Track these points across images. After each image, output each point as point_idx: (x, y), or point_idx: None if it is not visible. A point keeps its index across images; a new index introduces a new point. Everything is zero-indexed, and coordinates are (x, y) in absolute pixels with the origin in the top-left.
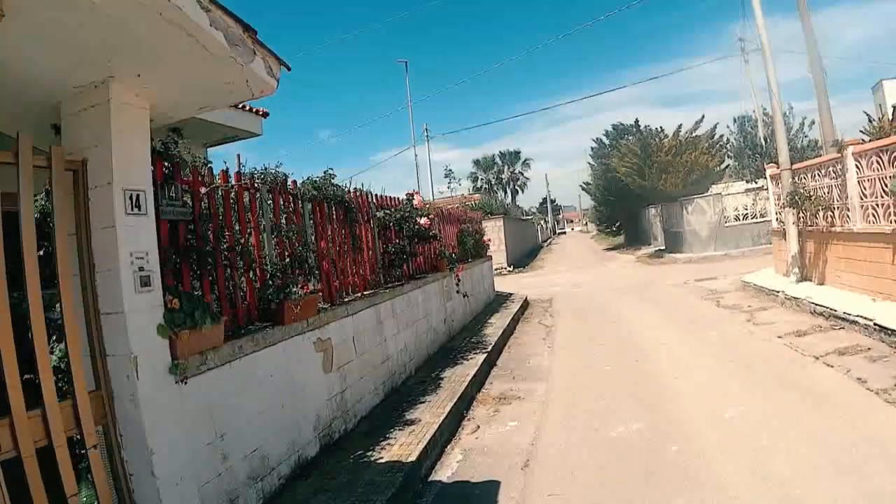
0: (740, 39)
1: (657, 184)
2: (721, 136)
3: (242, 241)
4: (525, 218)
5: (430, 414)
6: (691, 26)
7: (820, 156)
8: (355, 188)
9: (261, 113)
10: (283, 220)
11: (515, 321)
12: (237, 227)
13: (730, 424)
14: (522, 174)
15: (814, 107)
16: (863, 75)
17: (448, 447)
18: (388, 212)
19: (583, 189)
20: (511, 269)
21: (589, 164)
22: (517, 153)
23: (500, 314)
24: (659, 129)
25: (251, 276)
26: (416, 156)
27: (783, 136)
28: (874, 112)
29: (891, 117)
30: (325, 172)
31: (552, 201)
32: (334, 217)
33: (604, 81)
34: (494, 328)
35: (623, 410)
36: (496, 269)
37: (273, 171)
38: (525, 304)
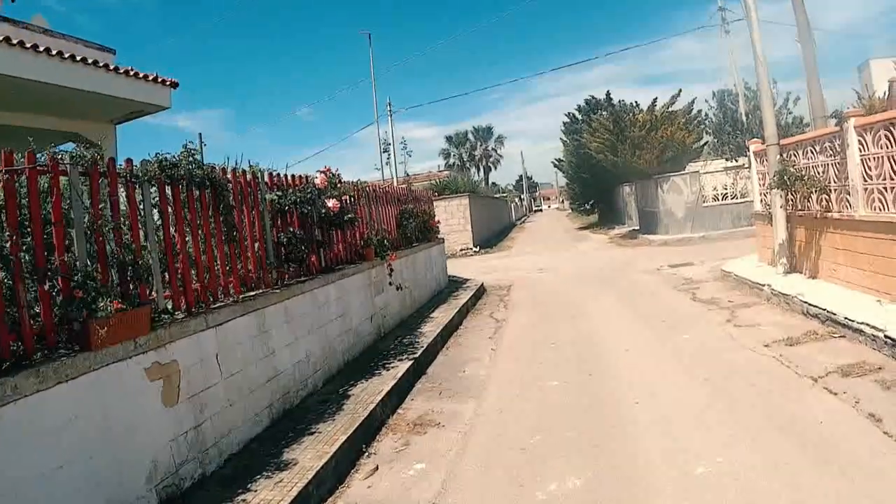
0: (721, 8)
1: (631, 160)
2: (699, 111)
3: (30, 239)
4: (496, 196)
5: (312, 453)
6: (673, 3)
7: (805, 132)
8: (235, 167)
9: (168, 83)
10: (110, 210)
11: (463, 314)
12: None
13: (702, 488)
14: (496, 151)
15: (797, 87)
16: (845, 59)
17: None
18: (280, 194)
19: (555, 166)
20: (477, 249)
21: (561, 139)
22: (489, 129)
23: (446, 306)
24: (634, 104)
25: (48, 286)
26: (379, 132)
27: (770, 107)
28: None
29: (884, 94)
30: (184, 146)
31: (529, 178)
32: (198, 203)
33: (581, 58)
34: (435, 324)
35: (562, 454)
36: (461, 250)
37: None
38: (479, 293)
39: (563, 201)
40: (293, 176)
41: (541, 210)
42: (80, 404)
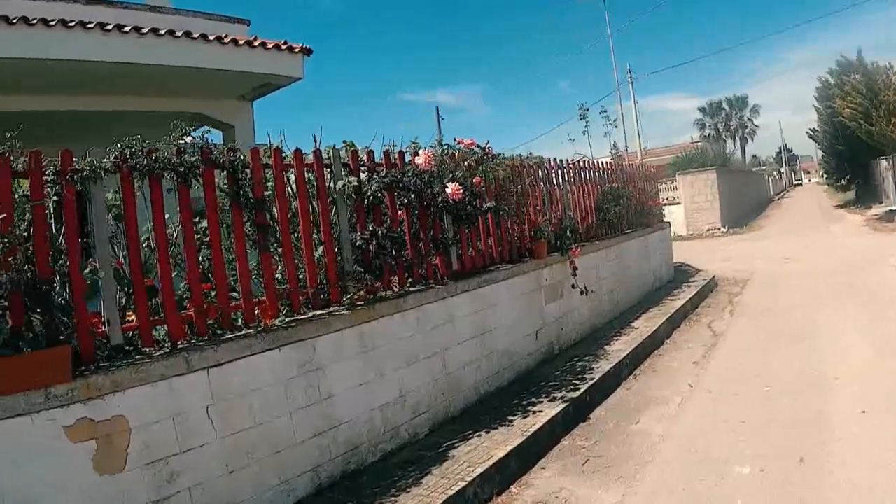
0: None
1: (885, 129)
2: None
3: None
4: (752, 170)
5: None
6: None
7: None
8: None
9: (299, 50)
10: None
11: (675, 323)
12: None
13: None
14: (752, 121)
15: None
16: None
17: None
18: (356, 180)
19: (809, 136)
20: (725, 229)
21: (815, 107)
22: (744, 98)
23: (657, 310)
24: (888, 66)
25: None
26: (620, 102)
27: None
28: None
29: None
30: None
31: (789, 151)
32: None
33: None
34: (630, 339)
35: None
36: (708, 230)
37: None
38: (706, 290)
39: (822, 175)
40: (391, 154)
41: (801, 184)
42: None
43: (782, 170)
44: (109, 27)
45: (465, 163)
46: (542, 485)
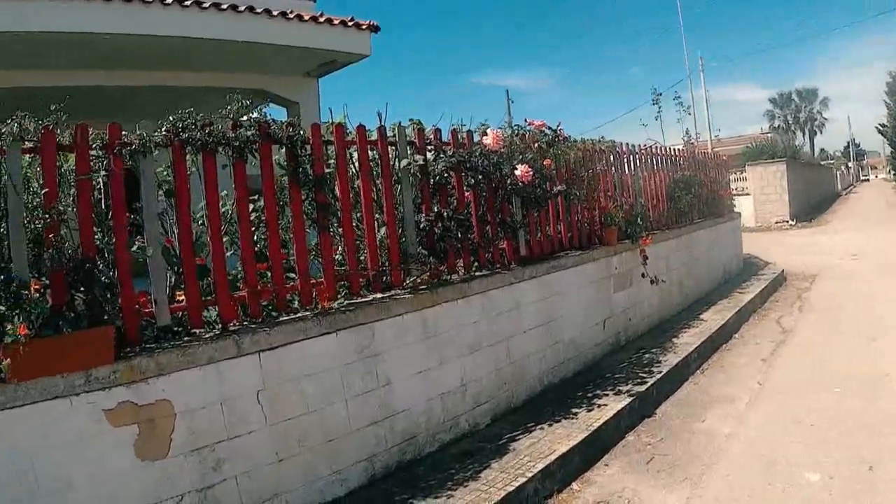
0: None
1: None
2: None
3: None
4: (821, 163)
5: None
6: None
7: None
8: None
9: (366, 27)
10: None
11: (744, 316)
12: None
13: None
14: (821, 114)
15: None
16: None
17: None
18: (422, 159)
19: (878, 132)
20: (793, 222)
21: (885, 102)
22: (814, 91)
23: (727, 302)
24: None
25: None
26: (691, 90)
27: None
28: None
29: None
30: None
31: (857, 145)
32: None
33: None
34: (699, 332)
35: None
36: (776, 223)
37: None
38: (775, 284)
39: (889, 171)
40: (459, 133)
41: (867, 180)
42: None
43: (850, 164)
44: (169, 1)
45: (536, 145)
46: (605, 483)
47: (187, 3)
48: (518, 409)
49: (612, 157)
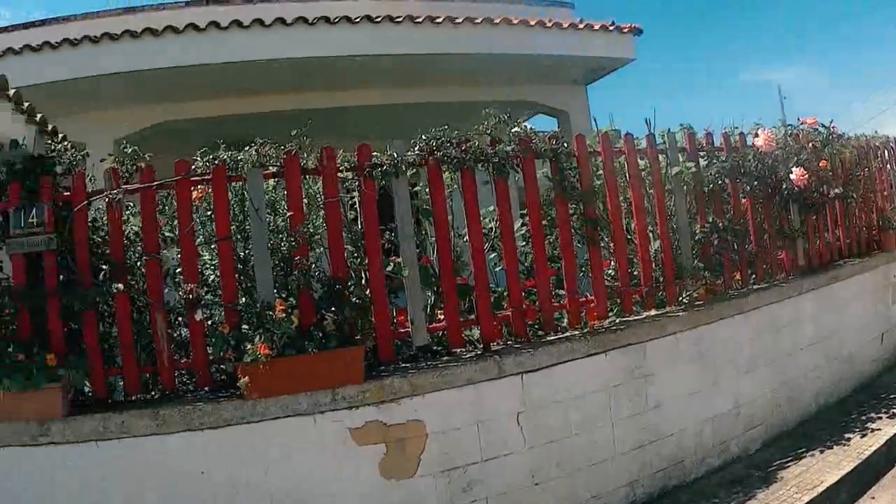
0: None
1: None
2: None
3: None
4: None
5: None
6: None
7: None
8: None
9: (628, 30)
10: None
11: None
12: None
13: None
14: None
15: None
16: None
17: None
18: (694, 166)
19: None
20: None
21: None
22: None
23: None
24: None
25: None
26: None
27: None
28: None
29: None
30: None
31: None
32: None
33: None
34: None
35: None
36: None
37: None
38: None
39: None
40: (731, 136)
41: None
42: (213, 459)
43: None
44: (420, 19)
45: (810, 145)
46: None
47: (439, 19)
48: (790, 433)
49: (886, 153)
